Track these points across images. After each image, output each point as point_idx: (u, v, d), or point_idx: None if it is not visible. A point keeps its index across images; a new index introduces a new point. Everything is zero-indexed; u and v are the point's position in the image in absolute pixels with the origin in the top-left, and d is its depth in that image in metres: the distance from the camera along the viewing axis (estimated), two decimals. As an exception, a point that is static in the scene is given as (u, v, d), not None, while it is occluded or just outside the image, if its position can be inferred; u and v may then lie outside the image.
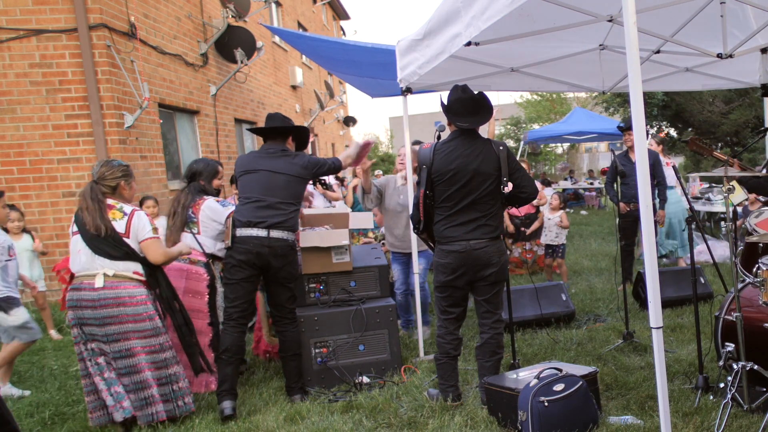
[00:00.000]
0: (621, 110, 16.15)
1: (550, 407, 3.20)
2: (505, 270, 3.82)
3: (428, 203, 3.77)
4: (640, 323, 5.25)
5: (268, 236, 3.99)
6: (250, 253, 3.98)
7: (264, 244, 3.99)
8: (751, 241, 3.67)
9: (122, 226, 3.77)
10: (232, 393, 3.95)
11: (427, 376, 4.39)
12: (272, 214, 4.03)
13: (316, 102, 16.39)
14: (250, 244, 3.98)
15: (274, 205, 4.05)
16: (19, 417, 4.06)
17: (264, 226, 4.00)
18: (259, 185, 4.09)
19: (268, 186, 4.08)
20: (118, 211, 3.81)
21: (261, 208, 4.03)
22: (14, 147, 7.35)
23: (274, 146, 4.27)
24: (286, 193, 4.11)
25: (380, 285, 4.76)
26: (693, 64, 5.24)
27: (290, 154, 4.26)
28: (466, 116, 3.74)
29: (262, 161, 4.18)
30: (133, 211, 3.84)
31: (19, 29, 7.26)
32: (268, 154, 4.22)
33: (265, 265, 4.03)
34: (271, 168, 4.13)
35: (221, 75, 10.90)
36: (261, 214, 4.02)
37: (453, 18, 3.72)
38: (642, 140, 2.61)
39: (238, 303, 4.03)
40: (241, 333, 4.04)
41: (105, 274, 3.72)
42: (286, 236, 4.07)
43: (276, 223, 4.02)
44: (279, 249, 4.02)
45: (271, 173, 4.11)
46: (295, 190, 4.17)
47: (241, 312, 4.05)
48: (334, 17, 25.79)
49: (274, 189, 4.08)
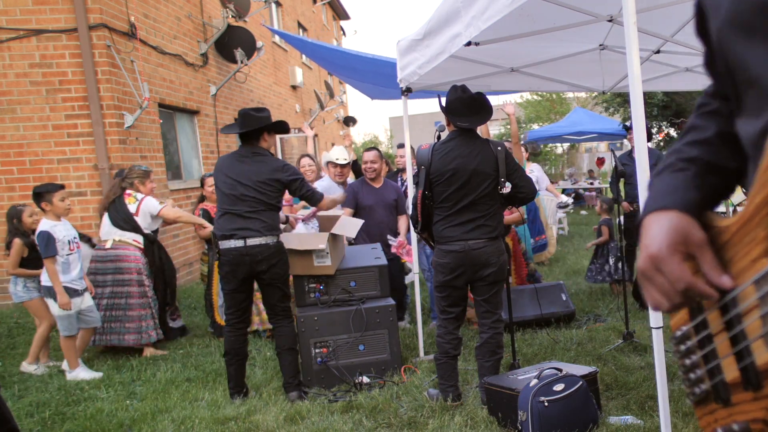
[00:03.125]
0: (621, 110, 16.16)
1: (550, 407, 3.20)
2: (504, 270, 3.82)
3: (427, 203, 3.77)
4: (640, 323, 5.25)
5: (245, 245, 3.99)
6: (231, 264, 4.02)
7: (242, 254, 3.99)
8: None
9: (134, 208, 5.46)
10: (239, 388, 4.23)
11: (427, 376, 4.39)
12: (244, 224, 4.01)
13: (316, 102, 16.38)
14: (230, 256, 4.01)
15: (244, 214, 4.02)
16: (19, 417, 4.06)
17: (239, 237, 4.00)
18: (230, 195, 4.05)
19: (238, 195, 4.03)
20: (132, 197, 5.50)
21: (234, 219, 4.02)
22: (14, 147, 7.35)
23: (245, 149, 4.19)
24: (256, 200, 4.04)
25: (380, 285, 4.75)
26: (693, 64, 5.24)
27: (261, 159, 4.14)
28: (466, 116, 3.74)
29: (233, 168, 4.10)
30: (143, 198, 5.50)
31: (19, 29, 7.26)
32: (240, 159, 4.14)
33: (249, 273, 4.06)
34: (239, 176, 4.05)
35: (221, 75, 10.90)
36: (234, 226, 4.01)
37: (453, 18, 3.72)
38: (642, 140, 2.61)
39: (233, 310, 4.17)
40: (240, 336, 4.19)
41: (113, 239, 5.41)
42: (266, 241, 4.04)
43: (251, 234, 4.00)
44: (259, 255, 4.02)
45: (239, 181, 4.04)
46: (266, 195, 4.07)
47: (239, 318, 4.17)
48: (334, 17, 25.79)
49: (244, 198, 4.02)
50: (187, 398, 4.29)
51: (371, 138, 42.93)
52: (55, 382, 4.79)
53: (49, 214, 4.74)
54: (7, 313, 7.12)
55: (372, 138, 42.91)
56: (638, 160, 2.61)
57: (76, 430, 3.88)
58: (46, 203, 4.71)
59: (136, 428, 3.80)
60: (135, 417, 3.98)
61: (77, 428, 3.89)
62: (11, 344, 6.07)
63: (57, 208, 4.73)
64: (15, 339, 6.23)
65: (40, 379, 4.93)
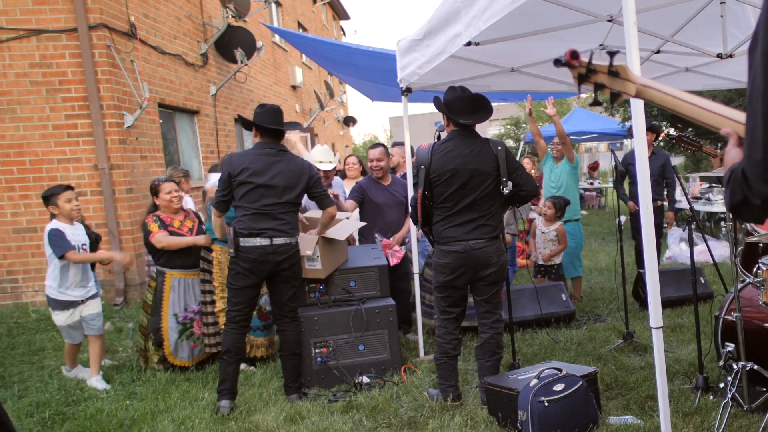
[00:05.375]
0: (621, 110, 16.14)
1: (550, 407, 3.20)
2: (505, 270, 3.82)
3: (426, 204, 3.76)
4: (640, 323, 5.25)
5: (271, 244, 4.00)
6: (255, 261, 3.99)
7: (268, 252, 4.00)
8: (751, 242, 3.68)
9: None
10: (232, 392, 4.05)
11: (427, 376, 4.39)
12: (274, 224, 4.01)
13: (316, 102, 16.39)
14: (255, 254, 3.98)
15: (274, 214, 4.01)
16: (19, 417, 4.06)
17: (266, 236, 3.99)
18: (257, 195, 4.00)
19: (267, 197, 4.01)
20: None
21: (262, 218, 4.00)
22: (14, 147, 7.35)
23: (269, 145, 4.12)
24: (286, 198, 4.06)
25: (380, 285, 4.75)
26: (693, 64, 5.24)
27: (290, 157, 4.17)
28: (467, 114, 3.73)
29: (263, 165, 4.03)
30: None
31: (19, 29, 7.26)
32: (268, 155, 4.07)
33: (271, 271, 4.05)
34: (271, 173, 4.02)
35: (221, 75, 10.90)
36: (262, 225, 3.99)
37: (453, 18, 3.72)
38: (642, 140, 2.61)
39: (240, 307, 4.07)
40: (241, 335, 4.11)
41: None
42: (289, 240, 4.08)
43: (277, 234, 4.01)
44: (284, 254, 4.04)
45: (272, 178, 4.01)
46: (296, 195, 4.12)
47: (243, 315, 4.10)
48: (334, 17, 25.79)
49: (272, 195, 4.01)
50: (187, 398, 4.29)
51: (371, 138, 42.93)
52: (55, 382, 4.79)
53: (59, 218, 4.61)
54: (7, 313, 7.12)
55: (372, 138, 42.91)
56: (638, 159, 2.61)
57: (76, 430, 3.88)
58: (53, 206, 4.60)
59: (136, 428, 3.80)
60: (135, 417, 3.97)
61: (77, 428, 3.89)
62: (11, 344, 6.07)
63: (64, 210, 4.59)
64: (15, 339, 6.23)
65: (40, 379, 4.92)
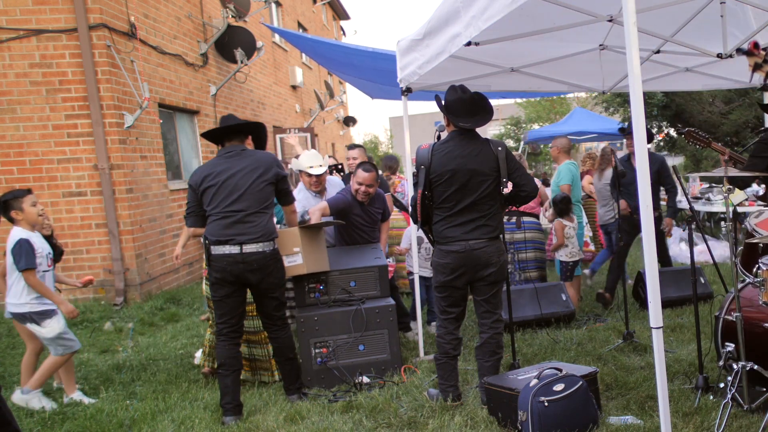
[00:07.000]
0: (621, 110, 16.14)
1: (550, 407, 3.20)
2: (505, 270, 3.82)
3: (426, 204, 3.76)
4: (640, 323, 5.25)
5: (241, 252, 3.81)
6: (225, 270, 3.82)
7: (238, 261, 3.81)
8: (751, 242, 3.67)
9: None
10: (236, 406, 3.87)
11: (427, 376, 4.39)
12: (242, 229, 3.82)
13: (316, 102, 16.41)
14: (224, 262, 3.81)
15: (242, 219, 3.83)
16: (19, 417, 4.06)
17: (235, 243, 3.81)
18: (223, 196, 3.84)
19: (233, 196, 3.84)
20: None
21: (230, 224, 3.83)
22: (14, 147, 7.35)
23: (231, 147, 3.98)
24: (254, 199, 3.87)
25: (380, 285, 4.75)
26: (693, 64, 5.24)
27: (252, 152, 4.01)
28: (467, 116, 3.73)
29: (221, 166, 3.88)
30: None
31: (19, 29, 7.26)
32: (227, 157, 3.94)
33: (243, 281, 3.88)
34: (232, 171, 3.86)
35: (221, 75, 10.90)
36: (230, 232, 3.82)
37: (453, 18, 3.72)
38: (642, 141, 2.61)
39: (225, 319, 3.91)
40: (234, 346, 3.94)
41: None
42: (262, 248, 3.86)
43: (247, 240, 3.82)
44: (255, 263, 3.84)
45: (232, 177, 3.85)
46: (262, 192, 3.91)
47: (231, 327, 3.92)
48: (334, 17, 25.80)
49: (240, 199, 3.84)
50: (187, 398, 4.29)
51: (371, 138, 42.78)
52: (55, 382, 4.79)
53: (22, 224, 4.15)
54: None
55: (372, 138, 42.76)
56: (638, 160, 2.60)
57: (76, 430, 3.88)
58: (16, 211, 4.13)
59: (136, 428, 3.79)
60: (135, 417, 3.97)
61: (77, 428, 3.89)
62: (11, 344, 6.07)
63: (29, 215, 4.15)
64: (15, 339, 6.22)
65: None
